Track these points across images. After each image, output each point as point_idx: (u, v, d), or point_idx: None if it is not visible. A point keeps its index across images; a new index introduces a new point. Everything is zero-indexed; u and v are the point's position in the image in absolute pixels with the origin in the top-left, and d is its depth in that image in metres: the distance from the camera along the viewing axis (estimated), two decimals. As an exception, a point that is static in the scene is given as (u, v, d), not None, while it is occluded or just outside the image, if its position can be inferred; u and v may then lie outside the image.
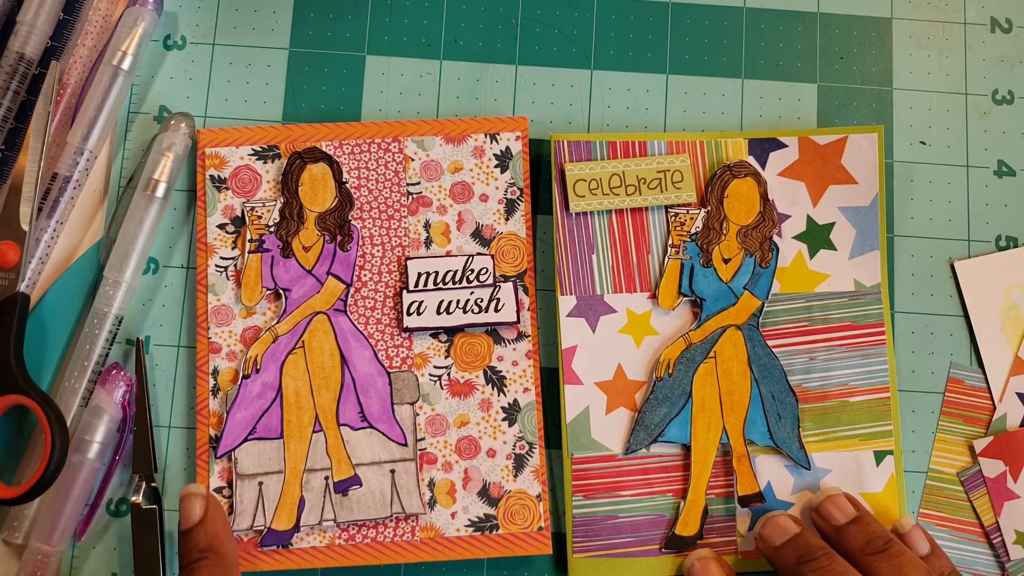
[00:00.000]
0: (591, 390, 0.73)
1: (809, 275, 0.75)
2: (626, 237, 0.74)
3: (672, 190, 0.74)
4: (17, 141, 0.74)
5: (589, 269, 0.74)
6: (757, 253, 0.74)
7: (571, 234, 0.74)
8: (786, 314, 0.75)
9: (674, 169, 0.74)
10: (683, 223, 0.74)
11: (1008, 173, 0.78)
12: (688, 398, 0.73)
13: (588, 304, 0.74)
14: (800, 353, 0.74)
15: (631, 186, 0.74)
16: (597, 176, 0.73)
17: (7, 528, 0.70)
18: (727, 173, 0.75)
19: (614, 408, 0.73)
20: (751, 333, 0.74)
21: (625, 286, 0.74)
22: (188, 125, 0.74)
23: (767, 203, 0.75)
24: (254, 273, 0.72)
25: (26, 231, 0.70)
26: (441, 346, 0.73)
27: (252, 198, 0.74)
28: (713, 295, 0.74)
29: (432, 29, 0.79)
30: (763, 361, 0.74)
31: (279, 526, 0.70)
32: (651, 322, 0.74)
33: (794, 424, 0.73)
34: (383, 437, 0.71)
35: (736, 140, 0.76)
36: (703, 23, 0.79)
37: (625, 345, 0.74)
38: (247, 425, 0.71)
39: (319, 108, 0.77)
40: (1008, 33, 0.80)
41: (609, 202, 0.73)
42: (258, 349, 0.72)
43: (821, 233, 0.75)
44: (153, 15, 0.75)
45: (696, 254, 0.74)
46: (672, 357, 0.73)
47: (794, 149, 0.76)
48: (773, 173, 0.76)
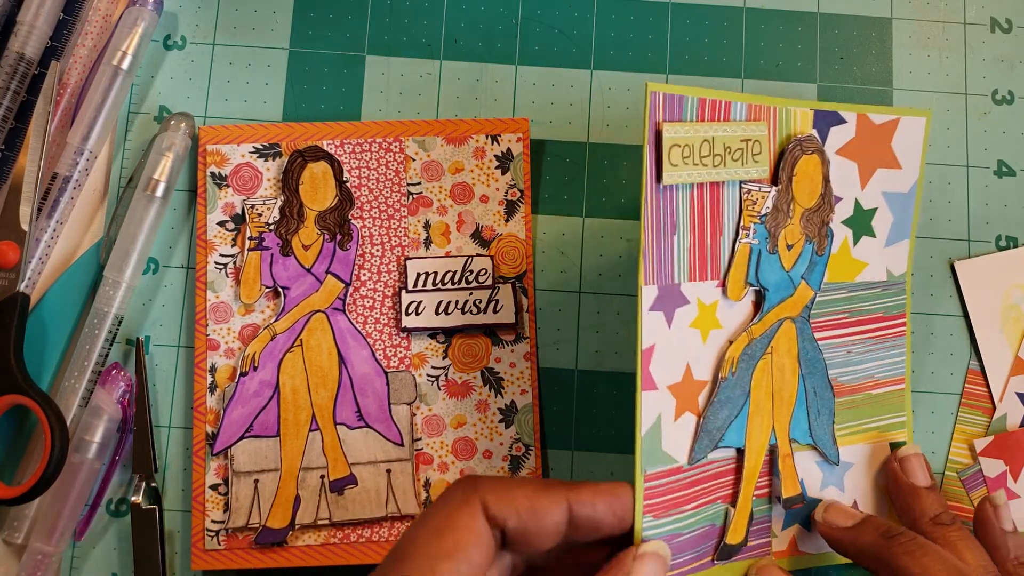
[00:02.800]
0: (663, 395, 0.60)
1: (852, 263, 0.70)
2: (704, 216, 0.62)
3: (751, 163, 0.64)
4: (17, 141, 0.74)
5: (671, 254, 0.61)
6: (816, 239, 0.68)
7: (657, 211, 0.59)
8: (830, 305, 0.70)
9: (755, 138, 0.64)
10: (755, 202, 0.65)
11: (1008, 173, 0.78)
12: (747, 398, 0.65)
13: (668, 295, 0.60)
14: (840, 346, 0.70)
15: (717, 155, 0.62)
16: (690, 141, 0.60)
17: (7, 528, 0.70)
18: (797, 148, 0.66)
19: (681, 413, 0.62)
20: (803, 326, 0.68)
21: (699, 272, 0.62)
22: (188, 125, 0.75)
23: (827, 184, 0.68)
24: (253, 271, 0.73)
25: (26, 231, 0.70)
26: (439, 347, 0.73)
27: (252, 196, 0.74)
28: (775, 284, 0.66)
29: (432, 29, 0.79)
30: (810, 355, 0.68)
31: (274, 524, 0.70)
32: (717, 314, 0.64)
33: (830, 420, 0.69)
34: (380, 437, 0.71)
35: (804, 111, 0.67)
36: (703, 23, 0.79)
37: (694, 341, 0.63)
38: (244, 423, 0.71)
39: (319, 108, 0.77)
40: (1008, 33, 0.80)
41: (698, 174, 0.60)
42: (256, 347, 0.72)
43: (865, 219, 0.71)
44: (153, 15, 0.76)
45: (764, 238, 0.65)
46: (735, 354, 0.64)
47: (852, 126, 0.69)
48: (832, 150, 0.69)
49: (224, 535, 0.70)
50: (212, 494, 0.71)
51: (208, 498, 0.71)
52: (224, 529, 0.70)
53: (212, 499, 0.71)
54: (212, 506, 0.71)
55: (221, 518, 0.70)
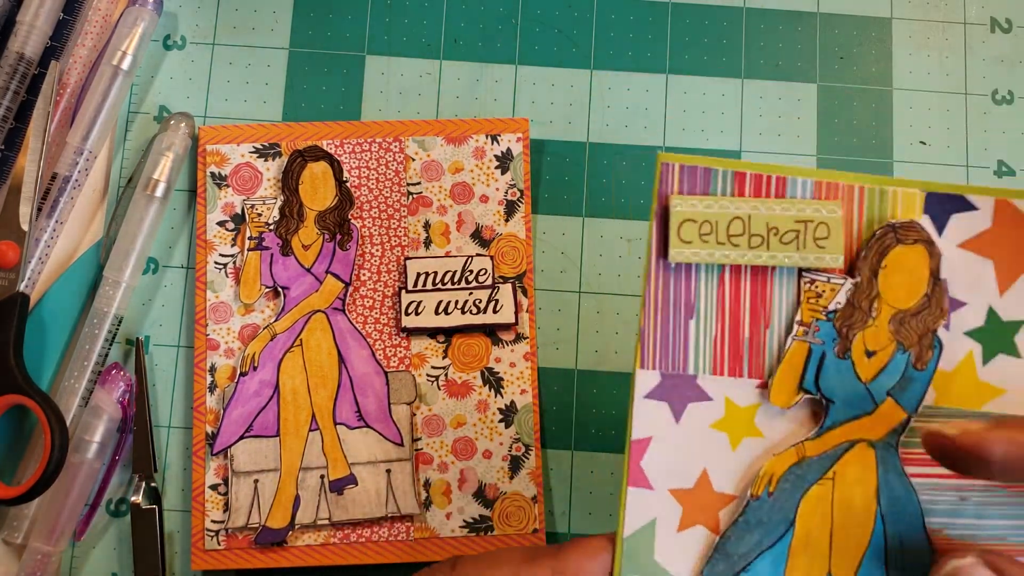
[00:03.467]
0: (663, 498, 0.53)
1: (978, 387, 0.53)
2: (739, 303, 0.53)
3: (812, 248, 0.52)
4: (17, 141, 0.74)
5: (683, 339, 0.53)
6: (913, 349, 0.53)
7: (665, 289, 0.53)
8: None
9: (819, 220, 0.52)
10: (820, 294, 0.53)
11: (1008, 173, 0.78)
12: (789, 527, 0.53)
13: (675, 385, 0.53)
14: (949, 490, 0.53)
15: (757, 236, 0.52)
16: (713, 218, 0.52)
17: (7, 528, 0.70)
18: (890, 235, 0.53)
19: (690, 524, 0.54)
20: (887, 454, 0.53)
21: (728, 367, 0.53)
22: (188, 125, 0.75)
23: (937, 283, 0.53)
24: (253, 271, 0.73)
25: (26, 231, 0.70)
26: (439, 346, 0.73)
27: (252, 196, 0.74)
28: (845, 397, 0.53)
29: (432, 29, 0.79)
30: (896, 493, 0.53)
31: (274, 524, 0.70)
32: (755, 420, 0.54)
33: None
34: (379, 437, 0.71)
35: (909, 191, 0.52)
36: (703, 23, 0.79)
37: (717, 445, 0.54)
38: (244, 422, 0.71)
39: (319, 108, 0.77)
40: (1008, 33, 0.80)
41: (724, 254, 0.52)
42: (256, 347, 0.72)
43: (1004, 333, 0.53)
44: (153, 15, 0.76)
45: (831, 339, 0.53)
46: (777, 472, 0.53)
47: (987, 214, 0.52)
48: (953, 243, 0.53)
49: (224, 535, 0.70)
50: (212, 494, 0.71)
51: (208, 498, 0.71)
52: (224, 529, 0.70)
53: (212, 499, 0.71)
54: (212, 506, 0.71)
55: (221, 518, 0.70)
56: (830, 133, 0.78)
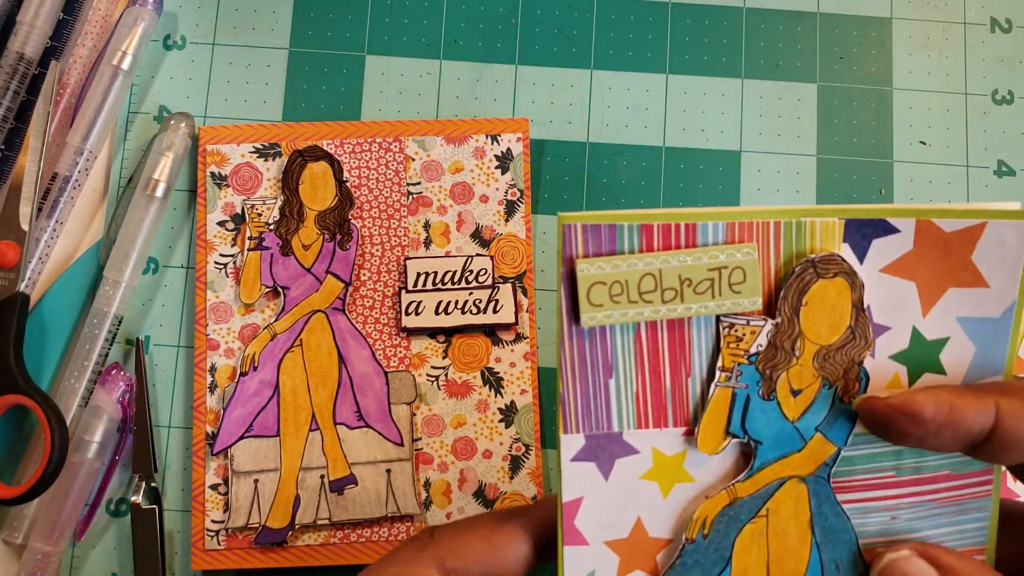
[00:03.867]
0: (599, 551, 0.53)
1: None
2: (658, 355, 0.52)
3: (728, 294, 0.50)
4: (17, 141, 0.74)
5: (604, 399, 0.52)
6: (839, 383, 0.52)
7: (580, 352, 0.51)
8: (867, 461, 0.53)
9: (734, 265, 0.50)
10: (740, 338, 0.52)
11: (1008, 173, 0.78)
12: (726, 565, 0.53)
13: (600, 445, 0.52)
14: (879, 511, 0.54)
15: (670, 289, 0.50)
16: (622, 278, 0.50)
17: (7, 528, 0.70)
18: (810, 271, 0.51)
19: (629, 572, 0.54)
20: (819, 487, 0.53)
21: (652, 420, 0.52)
22: (188, 125, 0.75)
23: (860, 314, 0.52)
24: (253, 271, 0.73)
25: (26, 231, 0.70)
26: (439, 346, 0.73)
27: (252, 196, 0.74)
28: (773, 437, 0.52)
29: (432, 29, 0.79)
30: (830, 523, 0.53)
31: (274, 524, 0.70)
32: (684, 466, 0.53)
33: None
34: (379, 437, 0.71)
35: (827, 221, 0.51)
36: (703, 23, 0.79)
37: (648, 494, 0.53)
38: (244, 423, 0.71)
39: (319, 108, 0.77)
40: (1008, 33, 0.80)
41: (638, 312, 0.50)
42: (256, 347, 0.72)
43: (929, 352, 0.52)
44: (153, 15, 0.76)
45: (755, 381, 0.52)
46: (710, 515, 0.53)
47: (908, 235, 0.51)
48: (875, 268, 0.52)
49: (224, 535, 0.70)
50: (212, 494, 0.71)
51: (208, 498, 0.71)
52: (224, 529, 0.70)
53: (212, 499, 0.71)
54: (212, 506, 0.71)
55: (221, 518, 0.71)
56: (830, 133, 0.78)
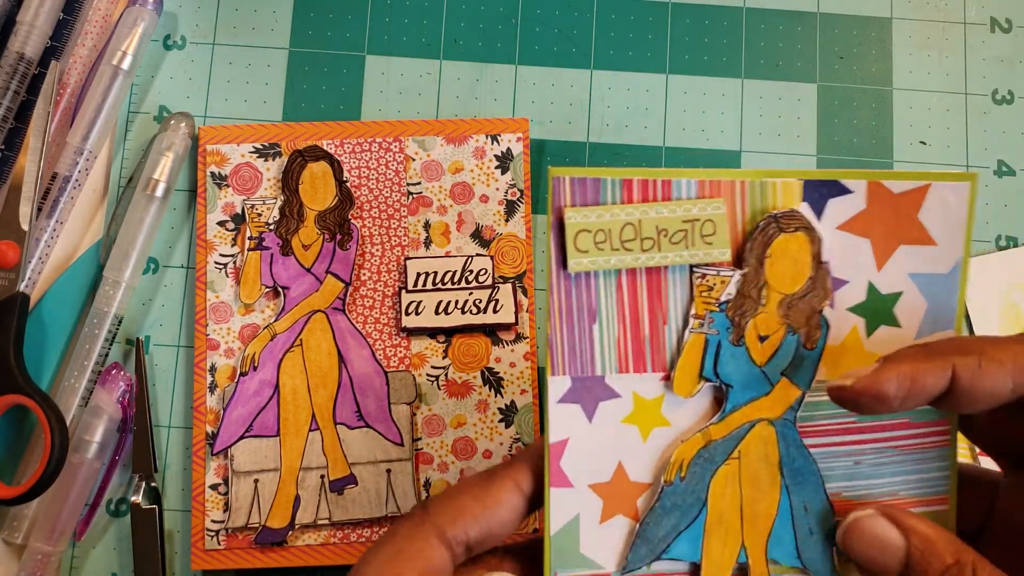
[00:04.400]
0: (584, 494, 0.56)
1: (864, 357, 0.56)
2: (637, 303, 0.56)
3: (700, 245, 0.55)
4: (17, 141, 0.74)
5: (589, 343, 0.55)
6: (802, 330, 0.56)
7: (568, 298, 0.55)
8: (830, 407, 0.56)
9: (705, 218, 0.55)
10: (711, 287, 0.56)
11: (1008, 173, 0.78)
12: (703, 507, 0.56)
13: (585, 387, 0.55)
14: (844, 456, 0.57)
15: (648, 239, 0.54)
16: (606, 226, 0.54)
17: (7, 528, 0.70)
18: (772, 226, 0.55)
19: (611, 515, 0.56)
20: (786, 430, 0.57)
21: (633, 364, 0.56)
22: (188, 125, 0.75)
23: (820, 266, 0.56)
24: (253, 271, 0.73)
25: (26, 231, 0.70)
26: (439, 346, 0.73)
27: (252, 196, 0.74)
28: (742, 381, 0.56)
29: (432, 29, 0.79)
30: (797, 464, 0.57)
31: (274, 524, 0.70)
32: (662, 410, 0.56)
33: (828, 541, 0.56)
34: (379, 436, 0.71)
35: (788, 182, 0.55)
36: (703, 23, 0.79)
37: (629, 438, 0.56)
38: (244, 422, 0.71)
39: (319, 108, 0.77)
40: (1008, 33, 0.80)
41: (619, 259, 0.54)
42: (256, 347, 0.72)
43: (884, 305, 0.56)
44: (153, 15, 0.76)
45: (725, 328, 0.56)
46: (687, 457, 0.56)
47: (860, 196, 0.56)
48: (832, 226, 0.56)
49: (224, 535, 0.70)
50: (212, 494, 0.71)
51: (208, 498, 0.71)
52: (224, 529, 0.70)
53: (212, 499, 0.71)
54: (212, 506, 0.71)
55: (221, 518, 0.70)
56: (830, 133, 0.78)
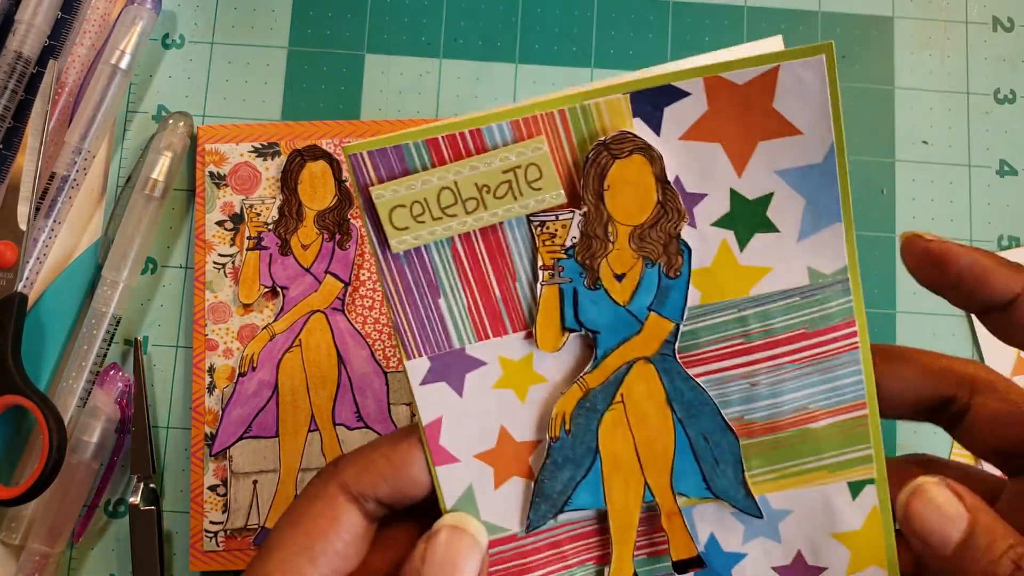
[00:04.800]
0: (472, 465, 0.53)
1: (741, 273, 0.52)
2: (480, 267, 0.51)
3: (529, 193, 0.49)
4: (15, 140, 0.74)
5: (439, 318, 0.52)
6: (661, 260, 0.51)
7: (403, 278, 0.51)
8: (712, 332, 0.53)
9: (527, 163, 0.48)
10: (554, 234, 0.51)
11: (1010, 172, 0.78)
12: (595, 456, 0.54)
13: (445, 364, 0.52)
14: (737, 379, 0.53)
15: (471, 200, 0.49)
16: (420, 196, 0.49)
17: (4, 529, 0.70)
18: (604, 154, 0.49)
19: (505, 479, 0.54)
20: (666, 364, 0.53)
21: (491, 330, 0.52)
22: (187, 124, 0.74)
23: (667, 187, 0.49)
24: (252, 271, 0.72)
25: (24, 231, 0.70)
26: (439, 346, 0.72)
27: (251, 195, 0.74)
28: (608, 324, 0.52)
29: (432, 28, 0.78)
30: (687, 397, 0.53)
31: (273, 525, 0.69)
32: (534, 367, 0.53)
33: (736, 467, 0.54)
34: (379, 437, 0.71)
35: (612, 100, 0.47)
36: (704, 22, 0.79)
37: (506, 402, 0.53)
38: (243, 423, 0.71)
39: (318, 107, 0.77)
40: (1010, 32, 0.80)
41: (445, 227, 0.49)
42: (255, 347, 0.72)
43: (753, 211, 0.50)
44: (151, 14, 0.75)
45: (578, 273, 0.51)
46: (567, 410, 0.53)
47: (700, 98, 0.48)
48: (672, 137, 0.49)
49: (223, 536, 0.70)
50: (211, 495, 0.71)
51: (207, 499, 0.71)
52: (223, 530, 0.70)
53: (211, 500, 0.71)
54: (211, 507, 0.70)
55: (220, 519, 0.70)
56: (831, 132, 0.78)
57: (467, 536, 0.51)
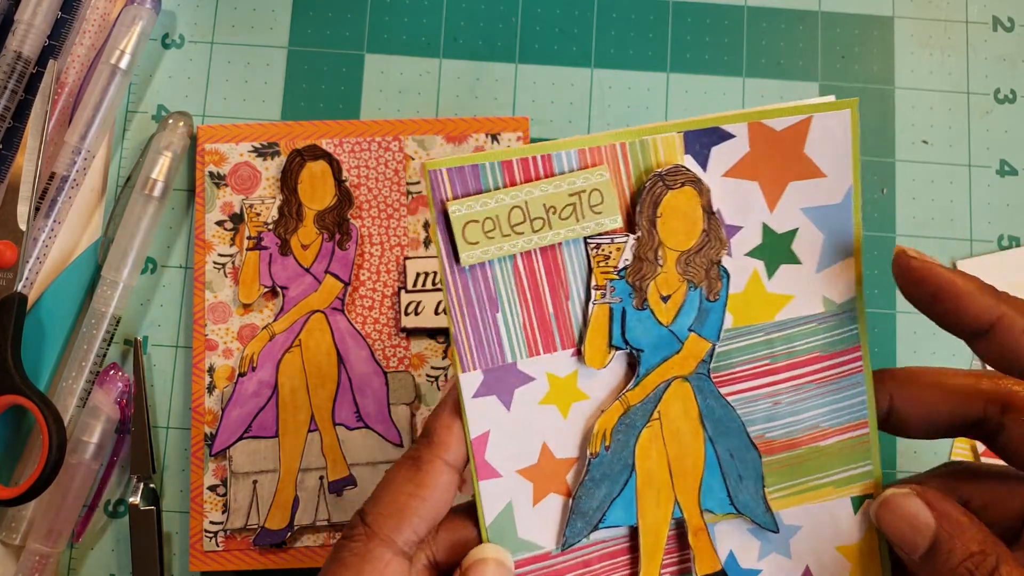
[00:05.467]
0: (513, 481, 0.57)
1: (768, 300, 0.58)
2: (537, 284, 0.56)
3: (590, 216, 0.55)
4: (15, 140, 0.74)
5: (495, 333, 0.56)
6: (703, 284, 0.57)
7: (467, 292, 0.55)
8: (741, 353, 0.58)
9: (591, 188, 0.55)
10: (608, 256, 0.56)
11: (1010, 172, 0.78)
12: (631, 472, 0.57)
13: (498, 378, 0.56)
14: (762, 399, 0.58)
15: (538, 219, 0.54)
16: (493, 214, 0.54)
17: (5, 529, 0.70)
18: (659, 184, 0.55)
19: (543, 496, 0.57)
20: (701, 383, 0.58)
21: (542, 346, 0.56)
22: (186, 124, 0.74)
23: (712, 217, 0.56)
24: (252, 271, 0.72)
25: (24, 231, 0.70)
26: (439, 347, 0.73)
27: (251, 195, 0.74)
28: (652, 343, 0.57)
29: (431, 27, 0.78)
30: (717, 415, 0.58)
31: (273, 525, 0.70)
32: (578, 385, 0.57)
33: (758, 483, 0.58)
34: (379, 437, 0.71)
35: (668, 137, 0.55)
36: (704, 21, 0.79)
37: (549, 418, 0.57)
38: (242, 423, 0.71)
39: (318, 107, 0.77)
40: (1010, 32, 0.80)
41: (512, 244, 0.54)
42: (255, 347, 0.72)
43: (781, 244, 0.57)
44: (151, 14, 0.75)
45: (627, 294, 0.56)
46: (608, 426, 0.57)
47: (743, 140, 0.56)
48: (718, 174, 0.56)
49: (222, 536, 0.70)
50: (210, 495, 0.71)
51: (206, 499, 0.71)
52: (222, 530, 0.70)
53: (210, 500, 0.71)
54: (210, 507, 0.70)
55: (219, 519, 0.70)
56: (831, 132, 0.78)
57: (510, 574, 0.54)
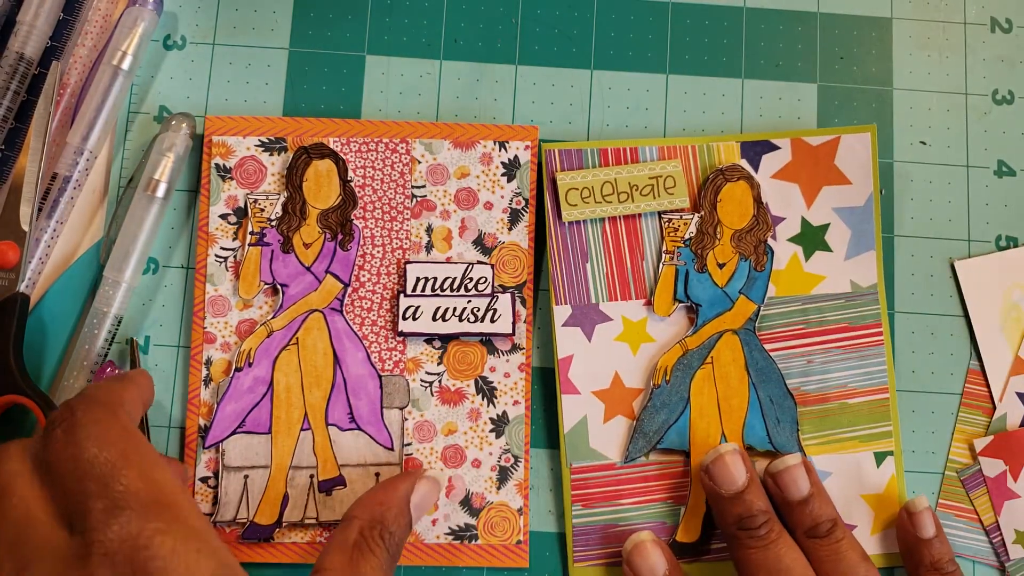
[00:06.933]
0: (588, 399, 0.73)
1: (805, 277, 0.75)
2: (620, 244, 0.74)
3: (665, 196, 0.74)
4: (17, 141, 0.74)
5: (584, 278, 0.74)
6: (752, 257, 0.74)
7: (564, 243, 0.74)
8: (782, 317, 0.75)
9: (666, 175, 0.74)
10: (677, 228, 0.74)
11: (1008, 173, 0.78)
12: (686, 404, 0.72)
13: (583, 313, 0.73)
14: (797, 356, 0.74)
15: (623, 193, 0.73)
16: (589, 184, 0.73)
17: (6, 525, 0.71)
18: (720, 177, 0.74)
19: (612, 416, 0.73)
20: (748, 337, 0.74)
21: (620, 294, 0.74)
22: (188, 125, 0.75)
23: (760, 206, 0.74)
24: (253, 266, 0.73)
25: (26, 231, 0.70)
26: (434, 352, 0.73)
27: (256, 190, 0.74)
28: (709, 300, 0.74)
29: (432, 29, 0.79)
30: (760, 365, 0.73)
31: (262, 520, 0.70)
32: (647, 329, 0.74)
33: (793, 427, 0.73)
34: (370, 439, 0.71)
35: (728, 144, 0.76)
36: (703, 23, 0.79)
37: (622, 353, 0.73)
38: (236, 418, 0.72)
39: (319, 108, 0.77)
40: (1008, 33, 0.80)
41: (602, 210, 0.73)
42: (252, 343, 0.72)
43: (816, 235, 0.75)
44: (153, 15, 0.76)
45: (691, 259, 0.74)
46: (669, 364, 0.73)
47: (787, 151, 0.76)
48: (766, 175, 0.75)
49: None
50: (201, 486, 0.71)
51: (197, 490, 0.71)
52: (212, 522, 0.71)
53: (201, 491, 0.71)
54: (201, 498, 0.71)
55: (209, 511, 0.71)
56: (830, 133, 0.78)
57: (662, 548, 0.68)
